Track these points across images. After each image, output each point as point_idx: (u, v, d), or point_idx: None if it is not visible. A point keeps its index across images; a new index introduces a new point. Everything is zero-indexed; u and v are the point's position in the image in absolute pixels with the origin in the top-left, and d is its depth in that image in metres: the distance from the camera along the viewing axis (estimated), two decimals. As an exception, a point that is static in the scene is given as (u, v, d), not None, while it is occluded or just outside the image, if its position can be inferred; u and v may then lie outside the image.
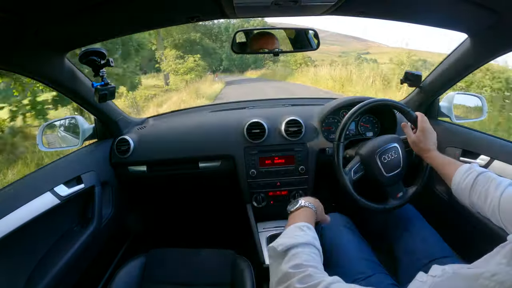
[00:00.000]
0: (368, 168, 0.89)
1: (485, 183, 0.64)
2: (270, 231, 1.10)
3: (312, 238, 0.54)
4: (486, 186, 0.63)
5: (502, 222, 0.58)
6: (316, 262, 0.49)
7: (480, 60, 0.88)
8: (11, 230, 0.69)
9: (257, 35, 1.08)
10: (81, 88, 0.93)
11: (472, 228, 0.93)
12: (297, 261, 0.48)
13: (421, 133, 0.83)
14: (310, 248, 0.51)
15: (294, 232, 0.55)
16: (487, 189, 0.62)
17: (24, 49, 0.64)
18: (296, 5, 0.69)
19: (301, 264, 0.47)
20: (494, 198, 0.60)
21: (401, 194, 0.92)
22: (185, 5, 0.68)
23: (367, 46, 21.15)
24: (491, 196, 0.61)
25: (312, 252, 0.51)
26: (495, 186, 0.61)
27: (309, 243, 0.52)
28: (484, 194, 0.63)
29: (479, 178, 0.66)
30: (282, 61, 20.32)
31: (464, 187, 0.68)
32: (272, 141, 1.15)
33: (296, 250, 0.50)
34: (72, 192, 0.91)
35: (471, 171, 0.68)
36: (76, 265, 0.91)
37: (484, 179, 0.65)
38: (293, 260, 0.48)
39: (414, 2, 0.69)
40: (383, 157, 0.88)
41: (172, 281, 0.90)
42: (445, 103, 1.17)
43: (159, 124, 1.30)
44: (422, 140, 0.82)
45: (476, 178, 0.66)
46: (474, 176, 0.67)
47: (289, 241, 0.51)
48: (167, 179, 1.22)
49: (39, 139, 1.04)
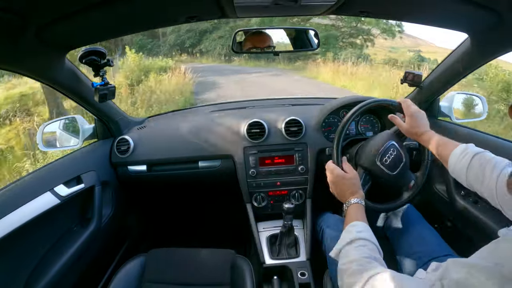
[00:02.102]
0: (375, 175, 0.88)
1: (481, 164, 0.62)
2: (270, 231, 1.10)
3: (356, 234, 0.60)
4: (482, 168, 0.61)
5: (499, 204, 0.57)
6: (362, 253, 0.56)
7: (480, 60, 0.88)
8: (11, 230, 0.69)
9: (250, 35, 1.09)
10: (81, 88, 0.93)
11: (472, 228, 0.93)
12: (344, 260, 0.57)
13: (410, 118, 0.80)
14: (355, 243, 0.59)
15: (343, 235, 0.64)
16: (483, 170, 0.61)
17: (24, 49, 0.64)
18: (296, 5, 0.69)
19: (347, 262, 0.55)
20: (491, 180, 0.59)
21: (413, 183, 0.91)
22: (185, 5, 0.68)
23: (416, 44, 19.70)
24: (488, 178, 0.60)
25: (360, 245, 0.58)
26: (492, 167, 0.60)
27: (352, 241, 0.59)
28: (481, 176, 0.61)
29: (475, 159, 0.64)
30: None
31: (460, 168, 0.66)
32: (272, 141, 1.15)
33: (343, 251, 0.59)
34: (72, 192, 0.91)
35: (467, 151, 0.66)
36: (76, 265, 0.91)
37: (480, 160, 0.63)
38: (341, 260, 0.58)
39: (414, 1, 0.69)
40: (384, 159, 0.87)
41: (172, 281, 0.90)
42: (445, 103, 1.17)
43: (159, 124, 1.30)
44: (414, 124, 0.80)
45: (472, 159, 0.64)
46: (470, 157, 0.65)
47: (337, 246, 0.62)
48: (167, 179, 1.22)
49: (39, 139, 1.04)
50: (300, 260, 1.00)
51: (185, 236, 1.52)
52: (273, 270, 0.98)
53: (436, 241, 0.85)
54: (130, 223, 1.38)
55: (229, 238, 1.31)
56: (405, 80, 1.15)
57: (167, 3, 0.64)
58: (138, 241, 1.40)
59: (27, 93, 6.81)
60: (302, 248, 1.04)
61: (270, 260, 1.01)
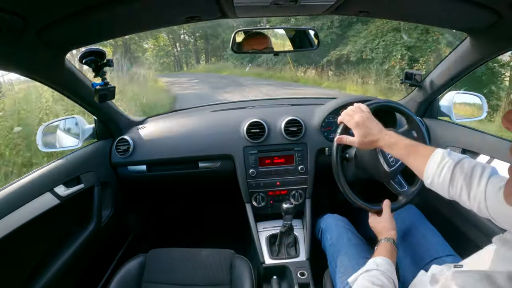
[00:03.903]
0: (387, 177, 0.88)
1: (465, 174, 0.55)
2: (270, 231, 1.10)
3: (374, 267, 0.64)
4: (467, 179, 0.55)
5: (491, 217, 0.53)
6: (376, 280, 0.60)
7: (480, 60, 0.88)
8: (11, 230, 0.69)
9: (253, 36, 1.09)
10: (81, 88, 0.93)
11: (472, 228, 0.93)
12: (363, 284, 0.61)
13: (356, 129, 0.71)
14: (372, 273, 0.63)
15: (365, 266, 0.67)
16: (470, 181, 0.55)
17: (24, 49, 0.64)
18: (296, 5, 0.69)
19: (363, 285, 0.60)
20: (478, 192, 0.53)
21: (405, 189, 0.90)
22: (184, 5, 0.68)
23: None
24: (475, 189, 0.54)
25: (373, 276, 0.62)
26: (478, 177, 0.54)
27: (369, 270, 0.64)
28: (466, 188, 0.55)
29: (457, 168, 0.56)
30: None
31: (441, 182, 0.58)
32: (271, 140, 1.15)
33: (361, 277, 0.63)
34: (71, 192, 0.91)
35: (446, 161, 0.57)
36: (76, 265, 0.91)
37: (462, 169, 0.56)
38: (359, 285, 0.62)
39: (414, 1, 0.69)
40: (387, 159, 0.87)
41: (172, 281, 0.90)
42: (445, 103, 1.17)
43: (158, 124, 1.30)
44: (364, 133, 0.70)
45: (454, 170, 0.56)
46: (451, 168, 0.56)
47: (355, 274, 0.67)
48: (167, 179, 1.22)
49: (39, 139, 1.04)
50: (300, 260, 1.00)
51: (184, 236, 1.52)
52: (273, 270, 0.98)
53: (438, 240, 0.84)
54: (130, 223, 1.38)
55: (229, 238, 1.30)
56: (405, 80, 1.15)
57: (167, 3, 0.64)
58: (137, 241, 1.40)
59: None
60: (301, 248, 1.04)
61: (270, 260, 1.01)
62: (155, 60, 20.59)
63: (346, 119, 0.76)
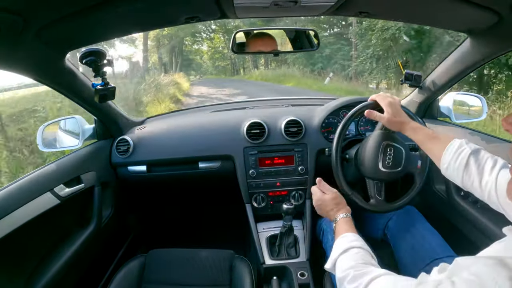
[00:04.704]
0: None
1: (479, 163, 0.58)
2: (270, 231, 1.10)
3: (348, 243, 0.61)
4: (481, 167, 0.58)
5: (501, 206, 0.54)
6: (358, 260, 0.56)
7: (480, 60, 0.88)
8: (11, 230, 0.69)
9: (254, 36, 1.07)
10: (81, 88, 0.93)
11: (472, 228, 0.93)
12: (342, 268, 0.57)
13: (389, 107, 0.76)
14: (349, 252, 0.59)
15: (335, 246, 0.64)
16: (482, 169, 0.57)
17: (24, 49, 0.64)
18: (296, 6, 0.69)
19: (345, 269, 0.55)
20: (490, 180, 0.56)
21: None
22: (185, 6, 0.68)
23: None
24: (486, 177, 0.56)
25: (355, 253, 0.59)
26: (491, 166, 0.56)
27: (346, 250, 0.60)
28: (478, 176, 0.58)
29: (472, 157, 0.59)
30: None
31: (456, 168, 0.61)
32: (272, 141, 1.15)
33: (339, 260, 0.59)
34: (72, 193, 0.91)
35: (463, 149, 0.61)
36: (76, 265, 0.91)
37: (477, 158, 0.59)
38: (339, 268, 0.58)
39: (415, 2, 0.69)
40: (386, 162, 0.86)
41: (171, 281, 0.90)
42: (445, 103, 1.17)
43: (159, 124, 1.30)
44: (394, 113, 0.76)
45: (469, 158, 0.59)
46: (466, 155, 0.60)
47: (332, 257, 0.62)
48: (167, 179, 1.22)
49: (39, 139, 1.04)
50: (300, 261, 1.00)
51: (184, 237, 1.52)
52: (273, 271, 0.98)
53: (438, 241, 0.84)
54: (130, 224, 1.38)
55: (229, 239, 1.31)
56: (405, 81, 1.15)
57: (167, 3, 0.64)
58: (138, 242, 1.40)
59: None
60: (301, 248, 1.04)
61: (270, 260, 1.01)
62: (211, 63, 19.30)
63: (380, 97, 0.81)
